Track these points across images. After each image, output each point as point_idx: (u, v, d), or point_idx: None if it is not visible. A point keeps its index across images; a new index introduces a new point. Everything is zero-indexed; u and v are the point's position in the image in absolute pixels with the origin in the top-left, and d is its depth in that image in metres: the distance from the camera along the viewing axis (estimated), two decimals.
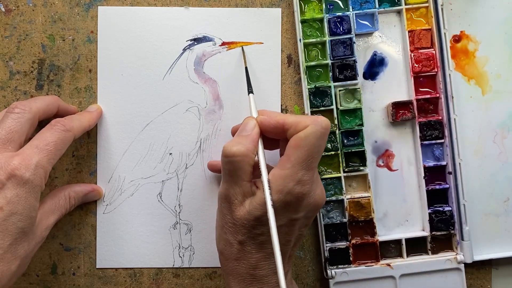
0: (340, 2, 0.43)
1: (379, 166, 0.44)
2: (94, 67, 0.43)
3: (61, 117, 0.39)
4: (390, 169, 0.44)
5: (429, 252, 0.43)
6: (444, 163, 0.43)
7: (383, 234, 0.44)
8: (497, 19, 0.44)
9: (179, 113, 0.44)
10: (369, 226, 0.43)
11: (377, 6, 0.43)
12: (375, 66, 0.44)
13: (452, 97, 0.42)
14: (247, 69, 0.42)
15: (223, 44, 0.44)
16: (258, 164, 0.35)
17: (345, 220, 0.43)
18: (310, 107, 0.42)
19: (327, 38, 0.42)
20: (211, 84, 0.44)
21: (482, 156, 0.44)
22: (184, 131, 0.44)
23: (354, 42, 0.42)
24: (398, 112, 0.43)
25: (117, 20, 0.43)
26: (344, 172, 0.43)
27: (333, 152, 0.43)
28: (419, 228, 0.44)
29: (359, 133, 0.43)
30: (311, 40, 0.43)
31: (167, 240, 0.44)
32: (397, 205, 0.44)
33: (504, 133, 0.44)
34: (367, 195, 0.43)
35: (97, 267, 0.44)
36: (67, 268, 0.44)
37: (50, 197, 0.39)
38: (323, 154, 0.42)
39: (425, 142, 0.43)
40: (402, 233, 0.44)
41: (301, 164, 0.33)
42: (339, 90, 0.43)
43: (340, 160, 0.43)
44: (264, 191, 0.33)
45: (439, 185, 0.43)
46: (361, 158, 0.43)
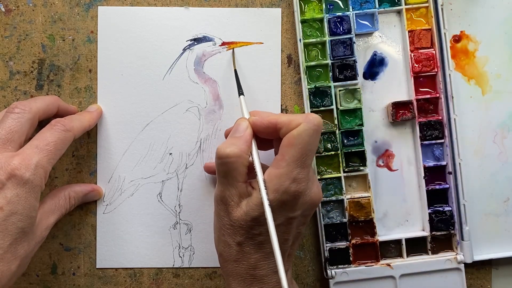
0: (340, 2, 0.43)
1: (379, 166, 0.44)
2: (94, 67, 0.43)
3: (61, 117, 0.39)
4: (390, 169, 0.44)
5: (429, 252, 0.43)
6: (444, 163, 0.43)
7: (383, 234, 0.44)
8: (497, 19, 0.44)
9: (179, 113, 0.44)
10: (369, 226, 0.43)
11: (377, 6, 0.43)
12: (375, 66, 0.44)
13: (452, 97, 0.42)
14: (236, 72, 0.42)
15: (223, 44, 0.44)
16: (253, 165, 0.35)
17: (345, 220, 0.43)
18: (310, 107, 0.42)
19: (327, 38, 0.42)
20: (211, 84, 0.44)
21: (482, 156, 0.44)
22: (184, 131, 0.44)
23: (354, 42, 0.42)
24: (398, 112, 0.43)
25: (117, 20, 0.43)
26: (344, 172, 0.43)
27: (333, 152, 0.43)
28: (419, 228, 0.44)
29: (359, 133, 0.43)
30: (311, 40, 0.43)
31: (167, 240, 0.44)
32: (397, 205, 0.44)
33: (504, 133, 0.44)
34: (367, 195, 0.43)
35: (97, 267, 0.44)
36: (67, 268, 0.44)
37: (50, 197, 0.39)
38: (323, 154, 0.43)
39: (425, 142, 0.43)
40: (402, 233, 0.44)
41: (296, 162, 0.33)
42: (339, 90, 0.43)
43: (340, 160, 0.43)
44: (261, 191, 0.33)
45: (439, 185, 0.43)
46: (361, 158, 0.43)
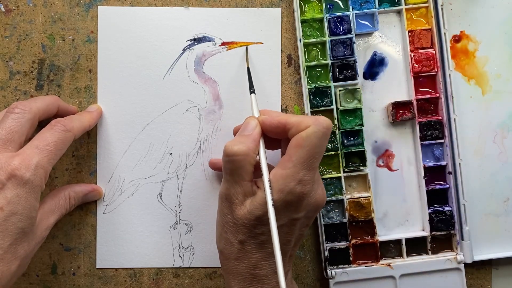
0: (340, 2, 0.43)
1: (379, 166, 0.44)
2: (94, 67, 0.43)
3: (61, 117, 0.39)
4: (390, 169, 0.44)
5: (429, 252, 0.43)
6: (444, 163, 0.43)
7: (383, 234, 0.44)
8: (497, 19, 0.44)
9: (179, 113, 0.44)
10: (369, 226, 0.43)
11: (377, 6, 0.43)
12: (375, 66, 0.44)
13: (452, 97, 0.42)
14: (249, 69, 0.42)
15: (223, 44, 0.44)
16: (259, 164, 0.35)
17: (345, 220, 0.43)
18: (310, 107, 0.42)
19: (327, 38, 0.42)
20: (211, 84, 0.44)
21: (482, 156, 0.44)
22: (184, 131, 0.44)
23: (354, 42, 0.42)
24: (398, 112, 0.43)
25: (117, 20, 0.43)
26: (344, 172, 0.43)
27: (333, 152, 0.43)
28: (419, 228, 0.44)
29: (359, 133, 0.43)
30: (311, 40, 0.43)
31: (167, 240, 0.44)
32: (397, 205, 0.44)
33: (504, 133, 0.44)
34: (367, 195, 0.43)
35: (97, 267, 0.44)
36: (67, 268, 0.44)
37: (50, 197, 0.39)
38: (323, 154, 0.42)
39: (425, 142, 0.43)
40: (402, 233, 0.44)
41: (303, 164, 0.33)
42: (339, 90, 0.43)
43: (340, 160, 0.43)
44: (265, 191, 0.33)
45: (439, 185, 0.43)
46: (361, 158, 0.43)
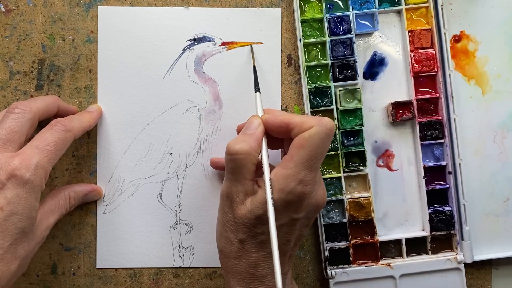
0: (340, 2, 0.43)
1: (379, 166, 0.44)
2: (94, 67, 0.43)
3: (61, 117, 0.39)
4: (390, 169, 0.44)
5: (429, 252, 0.43)
6: (444, 163, 0.43)
7: (383, 234, 0.44)
8: (497, 19, 0.44)
9: (179, 113, 0.44)
10: (369, 226, 0.43)
11: (377, 6, 0.43)
12: (375, 66, 0.44)
13: (452, 97, 0.42)
14: (255, 68, 0.42)
15: (223, 44, 0.44)
16: (261, 163, 0.35)
17: (345, 220, 0.43)
18: (310, 107, 0.42)
19: (327, 38, 0.42)
20: (211, 84, 0.44)
21: (482, 156, 0.44)
22: (184, 131, 0.44)
23: (354, 42, 0.42)
24: (398, 112, 0.43)
25: (117, 20, 0.43)
26: (344, 172, 0.43)
27: (333, 152, 0.43)
28: (419, 228, 0.44)
29: (359, 133, 0.43)
30: (311, 40, 0.43)
31: (167, 240, 0.44)
32: (397, 205, 0.44)
33: (504, 133, 0.44)
34: (367, 195, 0.43)
35: (97, 267, 0.44)
36: (67, 268, 0.44)
37: (50, 197, 0.39)
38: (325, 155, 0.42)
39: (425, 142, 0.43)
40: (402, 233, 0.44)
41: (304, 164, 0.33)
42: (339, 90, 0.43)
43: (340, 160, 0.43)
44: (266, 190, 0.33)
45: (439, 185, 0.43)
46: (361, 158, 0.43)
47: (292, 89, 0.44)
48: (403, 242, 0.43)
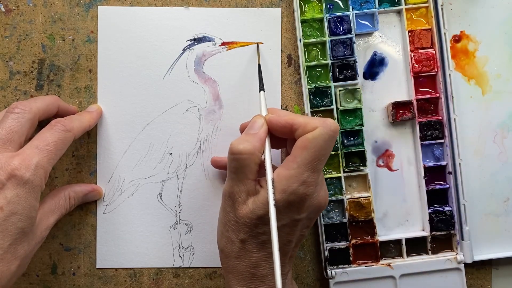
0: (340, 2, 0.43)
1: (379, 166, 0.44)
2: (94, 67, 0.43)
3: (61, 117, 0.39)
4: (390, 169, 0.44)
5: (429, 252, 0.43)
6: (444, 163, 0.43)
7: (383, 234, 0.44)
8: (497, 19, 0.44)
9: (179, 113, 0.44)
10: (369, 226, 0.43)
11: (377, 6, 0.43)
12: (375, 66, 0.44)
13: (452, 97, 0.42)
14: (260, 66, 0.42)
15: (223, 44, 0.44)
16: (264, 163, 0.35)
17: (345, 220, 0.43)
18: (310, 107, 0.42)
19: (327, 38, 0.42)
20: (211, 84, 0.44)
21: (482, 156, 0.44)
22: (184, 131, 0.44)
23: (354, 42, 0.42)
24: (398, 112, 0.43)
25: (117, 20, 0.43)
26: (344, 172, 0.43)
27: (333, 152, 0.43)
28: (419, 228, 0.44)
29: (359, 133, 0.43)
30: (311, 40, 0.43)
31: (167, 240, 0.44)
32: (397, 205, 0.44)
33: (504, 133, 0.44)
34: (367, 195, 0.43)
35: (97, 267, 0.44)
36: (67, 268, 0.44)
37: (50, 197, 0.39)
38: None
39: (425, 142, 0.43)
40: (402, 233, 0.44)
41: (307, 166, 0.33)
42: (339, 90, 0.43)
43: (340, 160, 0.43)
44: (268, 190, 0.33)
45: (439, 185, 0.43)
46: (361, 158, 0.43)
47: (292, 89, 0.44)
48: (403, 242, 0.43)
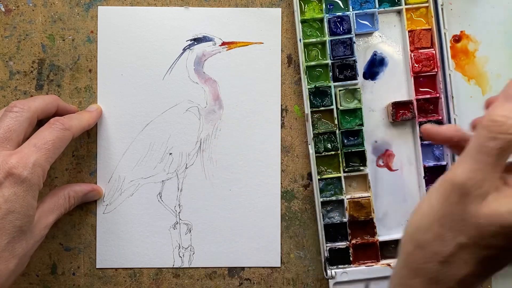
0: (340, 2, 0.43)
1: (379, 166, 0.44)
2: (94, 67, 0.43)
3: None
4: (390, 169, 0.44)
5: None
6: (444, 163, 0.43)
7: (383, 234, 0.44)
8: (497, 19, 0.44)
9: (179, 113, 0.44)
10: (369, 226, 0.43)
11: (377, 6, 0.43)
12: (375, 66, 0.44)
13: (452, 97, 0.42)
14: None
15: (223, 44, 0.44)
16: None
17: (345, 220, 0.43)
18: (310, 107, 0.42)
19: (327, 38, 0.42)
20: (211, 84, 0.44)
21: None
22: (184, 131, 0.44)
23: (354, 42, 0.42)
24: (398, 112, 0.43)
25: (117, 20, 0.43)
26: (344, 172, 0.43)
27: (333, 152, 0.43)
28: None
29: (359, 133, 0.43)
30: (311, 40, 0.43)
31: (167, 240, 0.44)
32: (397, 205, 0.44)
33: None
34: (367, 195, 0.43)
35: (97, 267, 0.44)
36: (67, 268, 0.44)
37: (50, 196, 0.39)
38: (323, 154, 0.42)
39: (425, 142, 0.43)
40: (402, 233, 0.43)
41: None
42: (339, 90, 0.43)
43: (340, 160, 0.43)
44: None
45: None
46: (361, 158, 0.43)
47: (292, 89, 0.44)
48: None
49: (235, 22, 0.44)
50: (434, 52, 0.43)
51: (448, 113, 0.42)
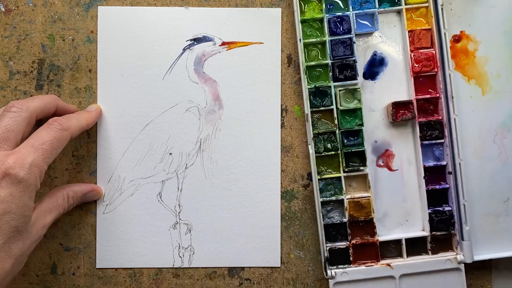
0: (340, 2, 0.43)
1: (379, 166, 0.44)
2: (94, 67, 0.43)
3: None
4: (390, 169, 0.44)
5: (429, 252, 0.43)
6: (444, 163, 0.43)
7: (383, 234, 0.44)
8: (497, 19, 0.44)
9: (179, 113, 0.44)
10: (369, 226, 0.43)
11: (377, 6, 0.43)
12: (375, 66, 0.44)
13: (452, 97, 0.42)
14: None
15: (223, 44, 0.44)
16: None
17: (345, 220, 0.43)
18: (310, 107, 0.42)
19: (327, 38, 0.42)
20: (211, 84, 0.44)
21: (482, 156, 0.44)
22: (184, 131, 0.44)
23: (354, 42, 0.42)
24: (398, 112, 0.43)
25: (117, 20, 0.43)
26: (344, 172, 0.43)
27: (333, 152, 0.43)
28: (419, 228, 0.44)
29: (359, 133, 0.43)
30: (311, 40, 0.43)
31: (167, 240, 0.44)
32: (397, 205, 0.44)
33: (504, 133, 0.44)
34: (367, 195, 0.43)
35: (97, 267, 0.44)
36: (67, 268, 0.44)
37: (48, 196, 0.39)
38: (323, 154, 0.42)
39: (425, 142, 0.43)
40: (402, 233, 0.44)
41: None
42: (339, 90, 0.43)
43: (340, 160, 0.43)
44: None
45: (439, 185, 0.43)
46: (361, 158, 0.43)
47: (292, 89, 0.44)
48: (403, 242, 0.43)
49: (235, 22, 0.44)
50: (434, 52, 0.43)
51: (448, 113, 0.42)
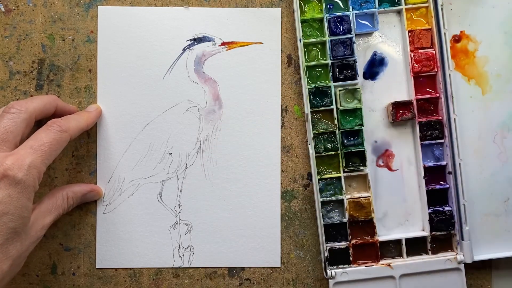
0: (340, 2, 0.43)
1: (379, 166, 0.44)
2: (94, 67, 0.43)
3: (60, 117, 0.39)
4: (390, 169, 0.44)
5: (429, 252, 0.43)
6: (444, 163, 0.43)
7: (383, 234, 0.44)
8: (497, 19, 0.44)
9: (179, 113, 0.44)
10: (369, 226, 0.43)
11: (377, 6, 0.43)
12: (375, 66, 0.44)
13: (452, 97, 0.42)
14: None
15: (223, 44, 0.44)
16: None
17: (345, 220, 0.43)
18: (310, 107, 0.42)
19: (327, 38, 0.42)
20: (211, 84, 0.44)
21: (482, 156, 0.44)
22: (184, 131, 0.44)
23: (354, 42, 0.42)
24: (398, 112, 0.43)
25: (117, 20, 0.43)
26: (344, 172, 0.43)
27: (333, 152, 0.43)
28: (419, 228, 0.44)
29: (359, 133, 0.43)
30: (311, 40, 0.43)
31: (167, 240, 0.44)
32: (397, 205, 0.44)
33: (504, 133, 0.44)
34: (367, 195, 0.43)
35: (97, 267, 0.44)
36: (67, 268, 0.44)
37: (48, 197, 0.39)
38: (323, 154, 0.42)
39: (425, 142, 0.43)
40: (402, 233, 0.44)
41: None
42: (339, 90, 0.43)
43: (340, 160, 0.43)
44: None
45: (439, 185, 0.43)
46: (361, 158, 0.43)
47: (292, 89, 0.44)
48: (403, 242, 0.43)
49: (235, 22, 0.44)
50: (434, 52, 0.43)
51: (448, 113, 0.42)
